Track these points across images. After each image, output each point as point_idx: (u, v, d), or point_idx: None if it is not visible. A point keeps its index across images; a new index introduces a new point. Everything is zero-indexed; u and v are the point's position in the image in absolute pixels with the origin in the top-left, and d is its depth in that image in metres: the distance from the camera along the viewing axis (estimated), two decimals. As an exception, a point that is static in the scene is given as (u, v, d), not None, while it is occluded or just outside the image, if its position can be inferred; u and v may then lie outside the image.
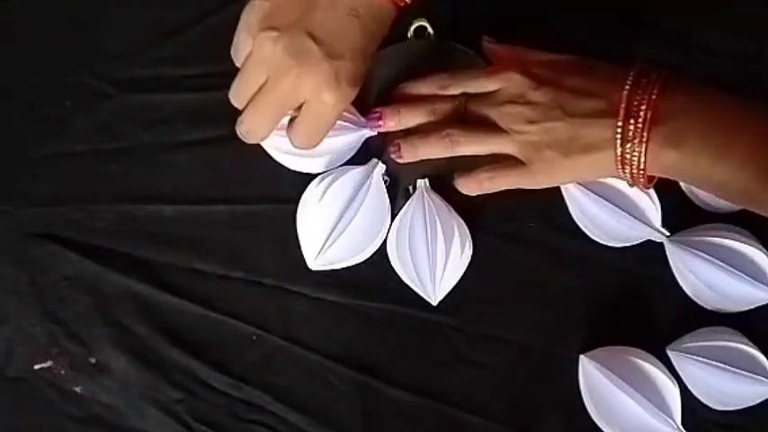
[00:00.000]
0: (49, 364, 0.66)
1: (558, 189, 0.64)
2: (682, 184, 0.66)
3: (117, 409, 0.66)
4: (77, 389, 0.66)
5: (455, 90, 0.63)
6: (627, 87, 0.57)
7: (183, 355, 0.66)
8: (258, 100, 0.59)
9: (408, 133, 0.64)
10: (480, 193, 0.63)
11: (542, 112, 0.59)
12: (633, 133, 0.56)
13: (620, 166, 0.58)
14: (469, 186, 0.63)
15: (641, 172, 0.57)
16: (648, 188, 0.61)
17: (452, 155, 0.62)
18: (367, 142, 0.65)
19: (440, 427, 0.66)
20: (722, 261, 0.62)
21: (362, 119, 0.64)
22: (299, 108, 0.59)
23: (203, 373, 0.66)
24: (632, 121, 0.56)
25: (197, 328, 0.66)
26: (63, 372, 0.66)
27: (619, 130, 0.57)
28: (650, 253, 0.65)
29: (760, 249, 0.63)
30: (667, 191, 0.65)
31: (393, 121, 0.63)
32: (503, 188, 0.62)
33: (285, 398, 0.66)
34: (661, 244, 0.64)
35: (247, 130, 0.60)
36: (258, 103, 0.59)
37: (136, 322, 0.66)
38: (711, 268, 0.62)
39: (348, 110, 0.64)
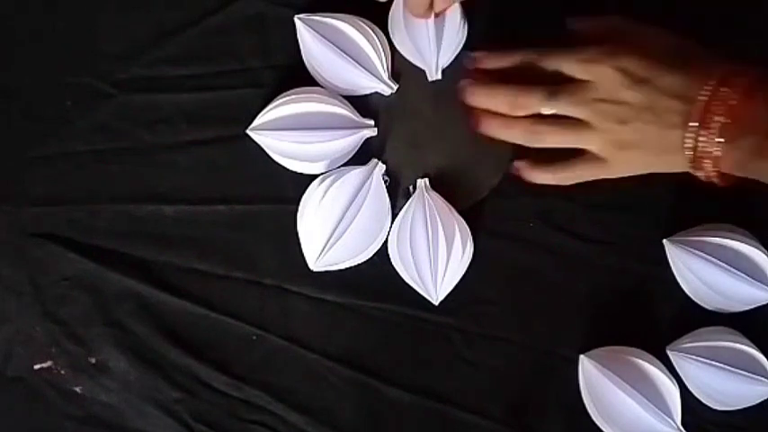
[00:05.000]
0: (48, 364, 0.66)
1: (557, 190, 0.64)
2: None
3: (117, 409, 0.66)
4: (77, 389, 0.66)
5: (544, 68, 0.61)
6: (701, 97, 0.56)
7: (182, 355, 0.66)
8: None
9: None
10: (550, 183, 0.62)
11: (635, 112, 0.58)
12: (704, 144, 0.56)
13: (692, 170, 0.58)
14: (544, 178, 0.62)
15: (717, 176, 0.57)
16: (729, 186, 0.59)
17: (530, 145, 0.61)
18: (367, 142, 0.65)
19: (440, 427, 0.66)
20: (722, 261, 0.62)
21: (362, 119, 0.65)
22: None
23: (203, 373, 0.66)
24: (704, 132, 0.56)
25: (197, 328, 0.66)
26: (63, 372, 0.66)
27: (689, 139, 0.56)
28: (650, 253, 0.65)
29: (760, 249, 0.63)
30: (667, 191, 0.65)
31: (471, 100, 0.62)
32: (576, 181, 0.61)
33: (285, 398, 0.66)
34: (661, 244, 0.64)
35: None
36: None
37: (136, 322, 0.66)
38: (711, 268, 0.62)
39: (348, 110, 0.64)
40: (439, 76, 0.65)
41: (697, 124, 0.56)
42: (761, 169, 0.56)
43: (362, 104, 0.65)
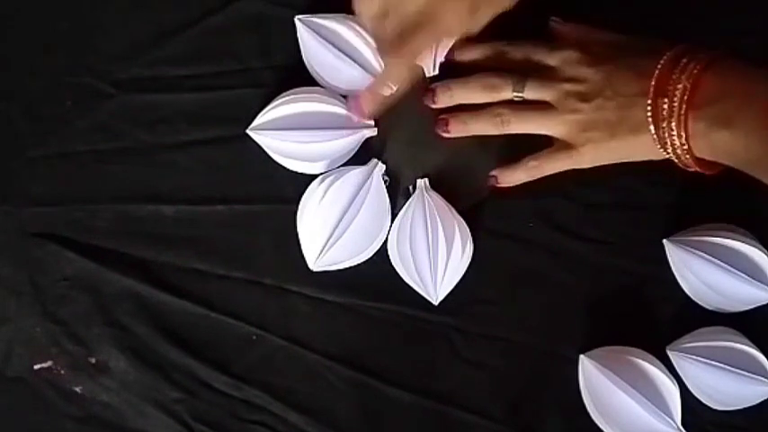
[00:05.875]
0: (48, 364, 0.66)
1: (557, 189, 0.65)
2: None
3: (117, 409, 0.66)
4: (77, 389, 0.66)
5: (513, 57, 0.63)
6: (659, 66, 0.57)
7: (182, 355, 0.66)
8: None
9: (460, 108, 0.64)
10: (526, 180, 0.63)
11: (596, 89, 0.59)
12: (667, 112, 0.56)
13: (659, 147, 0.58)
14: (518, 176, 0.63)
15: (686, 153, 0.57)
16: (709, 174, 0.60)
17: (501, 133, 0.62)
18: (367, 142, 0.65)
19: (440, 427, 0.66)
20: (722, 261, 0.62)
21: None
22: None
23: (203, 373, 0.66)
24: (665, 100, 0.56)
25: (197, 328, 0.66)
26: (63, 372, 0.66)
27: (649, 109, 0.57)
28: (650, 253, 0.65)
29: (760, 249, 0.63)
30: (667, 191, 0.65)
31: (445, 98, 0.64)
32: (550, 173, 0.63)
33: (285, 398, 0.66)
34: (661, 244, 0.64)
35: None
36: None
37: (136, 322, 0.66)
38: (711, 268, 0.62)
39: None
40: (437, 72, 0.65)
41: (652, 96, 0.57)
42: (728, 140, 0.56)
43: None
